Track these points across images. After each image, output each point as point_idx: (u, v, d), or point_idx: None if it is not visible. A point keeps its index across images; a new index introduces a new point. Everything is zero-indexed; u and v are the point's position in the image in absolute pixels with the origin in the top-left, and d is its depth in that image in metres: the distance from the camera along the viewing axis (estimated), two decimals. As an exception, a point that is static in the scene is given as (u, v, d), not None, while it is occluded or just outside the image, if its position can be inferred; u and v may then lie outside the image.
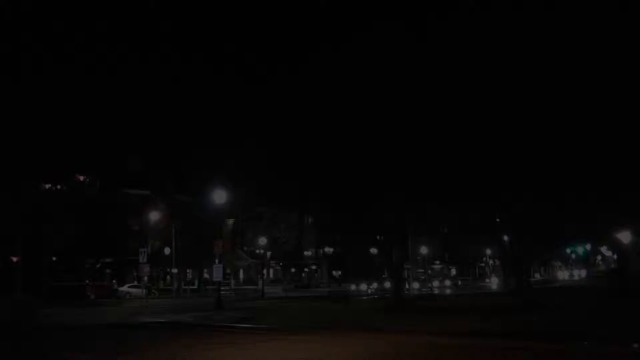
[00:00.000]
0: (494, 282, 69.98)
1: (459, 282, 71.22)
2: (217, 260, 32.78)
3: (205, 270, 57.99)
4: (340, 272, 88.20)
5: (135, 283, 52.15)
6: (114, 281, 56.83)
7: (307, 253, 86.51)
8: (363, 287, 56.17)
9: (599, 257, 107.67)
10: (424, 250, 64.66)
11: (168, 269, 59.90)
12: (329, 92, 25.08)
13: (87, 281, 53.61)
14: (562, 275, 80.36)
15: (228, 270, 53.66)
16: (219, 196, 33.52)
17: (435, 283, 66.20)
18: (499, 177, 24.87)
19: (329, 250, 78.42)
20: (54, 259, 58.16)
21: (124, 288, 50.87)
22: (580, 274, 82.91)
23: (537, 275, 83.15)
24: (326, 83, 24.66)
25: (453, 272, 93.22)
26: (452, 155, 24.67)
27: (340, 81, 24.82)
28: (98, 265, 65.94)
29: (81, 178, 74.01)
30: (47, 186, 76.43)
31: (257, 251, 63.19)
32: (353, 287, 57.47)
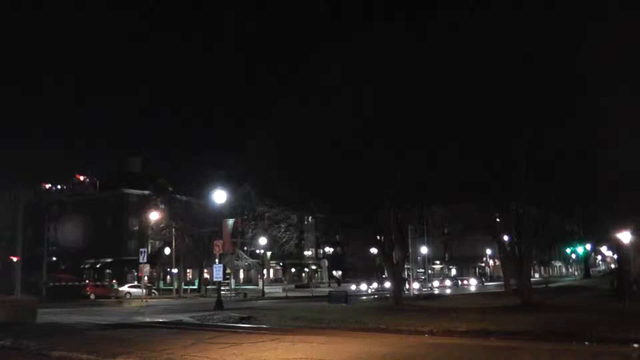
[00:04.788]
0: (472, 284, 69.82)
1: (459, 282, 71.13)
2: (217, 260, 32.82)
3: (205, 270, 58.02)
4: (340, 272, 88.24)
5: (135, 283, 52.15)
6: (114, 281, 56.85)
7: (307, 253, 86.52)
8: (363, 287, 56.18)
9: (599, 257, 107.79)
10: (424, 250, 64.58)
11: (168, 269, 59.93)
12: (328, 91, 25.09)
13: (87, 281, 53.66)
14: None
15: (228, 270, 53.62)
16: (219, 196, 33.53)
17: (435, 283, 66.13)
18: (500, 177, 24.87)
19: (329, 250, 78.44)
20: (54, 259, 58.16)
21: (124, 288, 50.88)
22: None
23: (537, 276, 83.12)
24: (326, 82, 24.66)
25: (453, 272, 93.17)
26: (452, 155, 24.67)
27: (340, 80, 24.84)
28: (98, 265, 66.00)
29: (81, 178, 74.11)
30: (47, 186, 76.61)
31: (257, 251, 63.20)
32: (353, 287, 57.48)
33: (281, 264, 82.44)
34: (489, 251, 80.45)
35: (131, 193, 67.73)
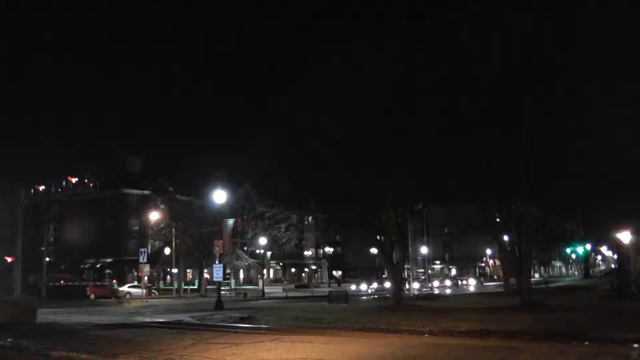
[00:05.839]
0: (471, 284, 69.87)
1: (459, 282, 71.19)
2: (217, 260, 32.83)
3: (205, 270, 58.06)
4: (340, 272, 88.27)
5: (135, 283, 52.19)
6: (114, 281, 56.87)
7: (307, 253, 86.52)
8: (363, 287, 56.17)
9: (599, 257, 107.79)
10: (424, 250, 64.59)
11: (168, 269, 59.94)
12: (328, 91, 25.08)
13: (87, 281, 53.70)
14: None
15: (228, 270, 53.64)
16: (219, 196, 33.53)
17: (435, 283, 66.14)
18: (499, 177, 24.86)
19: (329, 250, 78.49)
20: (54, 259, 58.17)
21: (124, 288, 50.91)
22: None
23: (537, 276, 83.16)
24: (326, 82, 24.66)
25: (453, 272, 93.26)
26: (452, 155, 24.67)
27: (340, 80, 24.83)
28: (98, 265, 66.02)
29: (81, 178, 74.15)
30: (47, 186, 76.67)
31: (257, 251, 63.18)
32: (353, 287, 57.47)
33: (281, 264, 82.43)
34: (489, 251, 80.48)
35: (131, 193, 67.73)
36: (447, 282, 69.79)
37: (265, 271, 64.77)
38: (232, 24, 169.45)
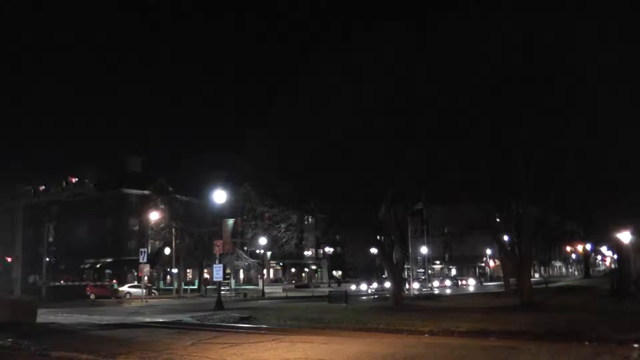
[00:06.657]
0: (471, 284, 70.01)
1: (459, 282, 71.23)
2: (217, 260, 32.82)
3: (205, 270, 58.06)
4: (340, 272, 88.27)
5: (135, 283, 52.19)
6: (114, 281, 56.87)
7: (307, 253, 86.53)
8: (363, 287, 56.17)
9: (599, 257, 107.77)
10: (424, 250, 64.55)
11: (168, 269, 59.95)
12: (328, 91, 25.07)
13: (87, 281, 53.71)
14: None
15: (228, 270, 53.61)
16: (219, 196, 33.53)
17: (435, 283, 66.13)
18: (500, 177, 24.86)
19: (329, 250, 78.47)
20: (54, 259, 58.21)
21: (124, 288, 50.92)
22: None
23: (537, 276, 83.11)
24: (326, 82, 24.65)
25: (453, 272, 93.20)
26: (452, 155, 24.66)
27: (340, 80, 24.82)
28: (98, 265, 66.01)
29: (81, 178, 74.14)
30: (47, 186, 76.67)
31: (257, 251, 63.17)
32: (353, 287, 57.47)
33: (281, 264, 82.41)
34: (489, 251, 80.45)
35: (131, 193, 67.74)
36: (447, 282, 69.81)
37: (265, 271, 64.76)
38: (232, 24, 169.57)
